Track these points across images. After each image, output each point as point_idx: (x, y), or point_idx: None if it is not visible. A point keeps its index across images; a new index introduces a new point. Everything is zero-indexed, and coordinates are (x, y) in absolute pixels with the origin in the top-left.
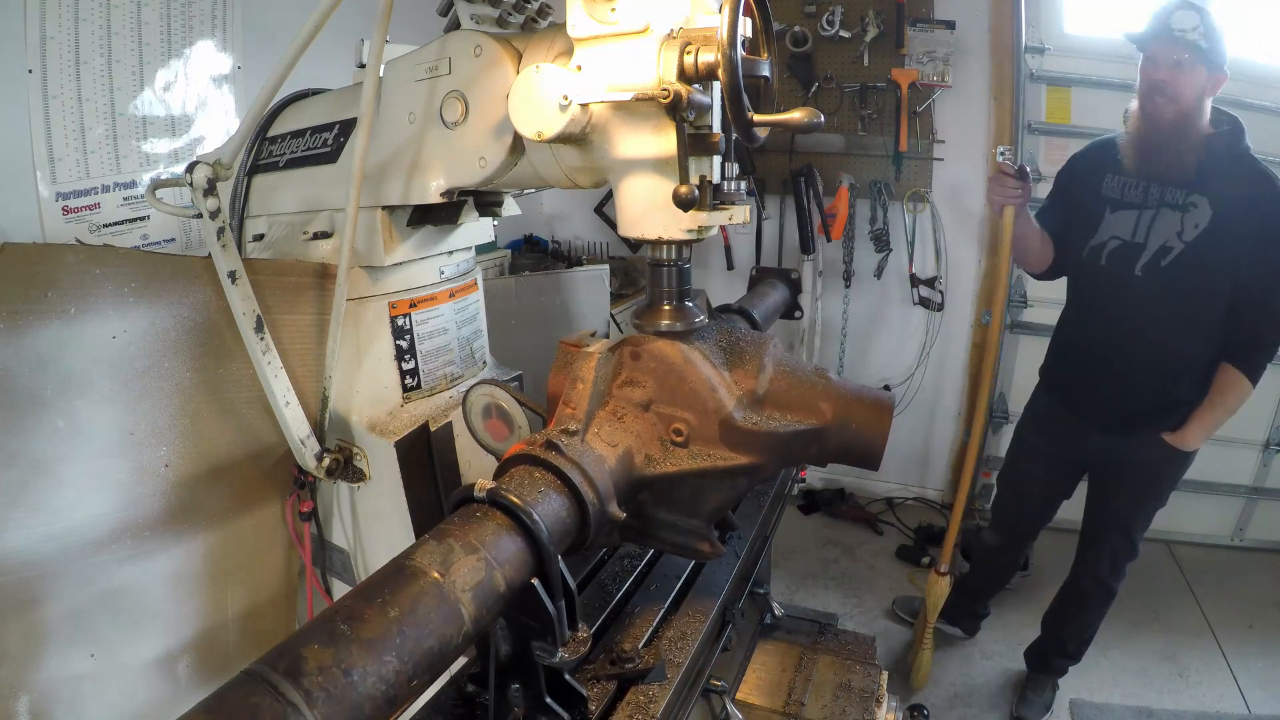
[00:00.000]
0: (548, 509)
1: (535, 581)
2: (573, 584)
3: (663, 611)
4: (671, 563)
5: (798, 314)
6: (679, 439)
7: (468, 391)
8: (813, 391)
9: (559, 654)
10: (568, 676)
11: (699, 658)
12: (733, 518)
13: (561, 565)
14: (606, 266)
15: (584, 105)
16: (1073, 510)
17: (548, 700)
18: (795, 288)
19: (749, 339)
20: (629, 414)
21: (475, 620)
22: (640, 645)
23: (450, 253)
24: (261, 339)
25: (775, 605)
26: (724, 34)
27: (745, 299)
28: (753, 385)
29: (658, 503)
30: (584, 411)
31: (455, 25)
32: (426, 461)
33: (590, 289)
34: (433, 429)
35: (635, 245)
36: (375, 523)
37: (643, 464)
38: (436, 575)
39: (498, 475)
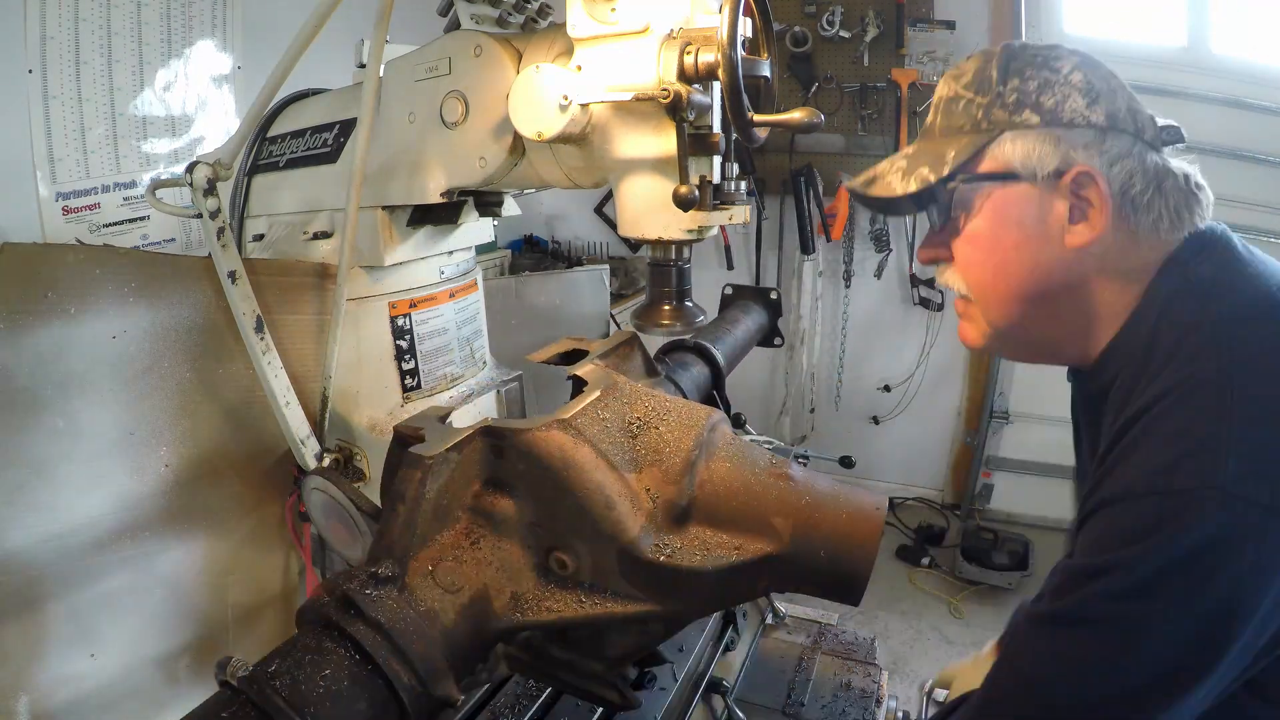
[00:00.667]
0: (337, 707)
1: None
2: None
3: None
4: None
5: (778, 341)
6: (562, 572)
7: (303, 481)
8: (763, 500)
9: None
10: None
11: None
12: (660, 651)
13: None
14: (606, 266)
15: (584, 105)
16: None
17: None
18: (775, 310)
19: (674, 418)
20: (488, 538)
21: None
22: None
23: (450, 253)
24: (261, 339)
25: (777, 605)
26: (724, 34)
27: (708, 329)
28: (671, 493)
29: (549, 638)
30: (405, 545)
31: (455, 25)
32: None
33: (590, 289)
34: None
35: (635, 245)
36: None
37: (505, 608)
38: None
39: (298, 624)
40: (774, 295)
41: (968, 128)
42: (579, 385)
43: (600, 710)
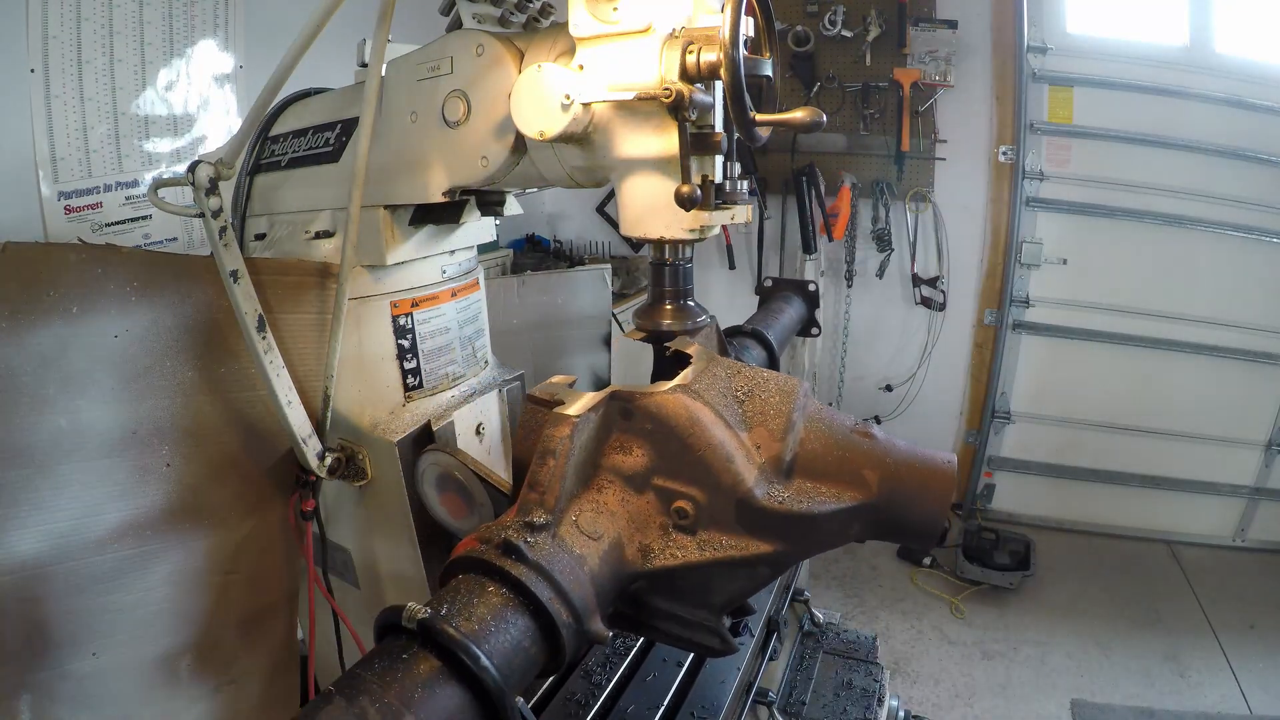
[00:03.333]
0: (503, 641)
1: None
2: None
3: (661, 713)
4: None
5: (815, 331)
6: (684, 521)
7: (419, 458)
8: (855, 456)
9: None
10: None
11: (748, 667)
12: (749, 602)
13: (524, 711)
14: (608, 266)
15: (586, 105)
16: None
17: None
18: (813, 301)
19: (773, 386)
20: (618, 492)
21: None
22: None
23: (452, 252)
24: (263, 338)
25: (816, 612)
26: (726, 33)
27: (758, 318)
28: (778, 449)
29: (656, 590)
30: (555, 496)
31: (457, 24)
32: None
33: (592, 288)
34: (435, 428)
35: (637, 245)
36: (377, 522)
37: (636, 557)
38: None
39: (443, 581)
40: (812, 287)
41: None
42: (682, 361)
43: (685, 666)
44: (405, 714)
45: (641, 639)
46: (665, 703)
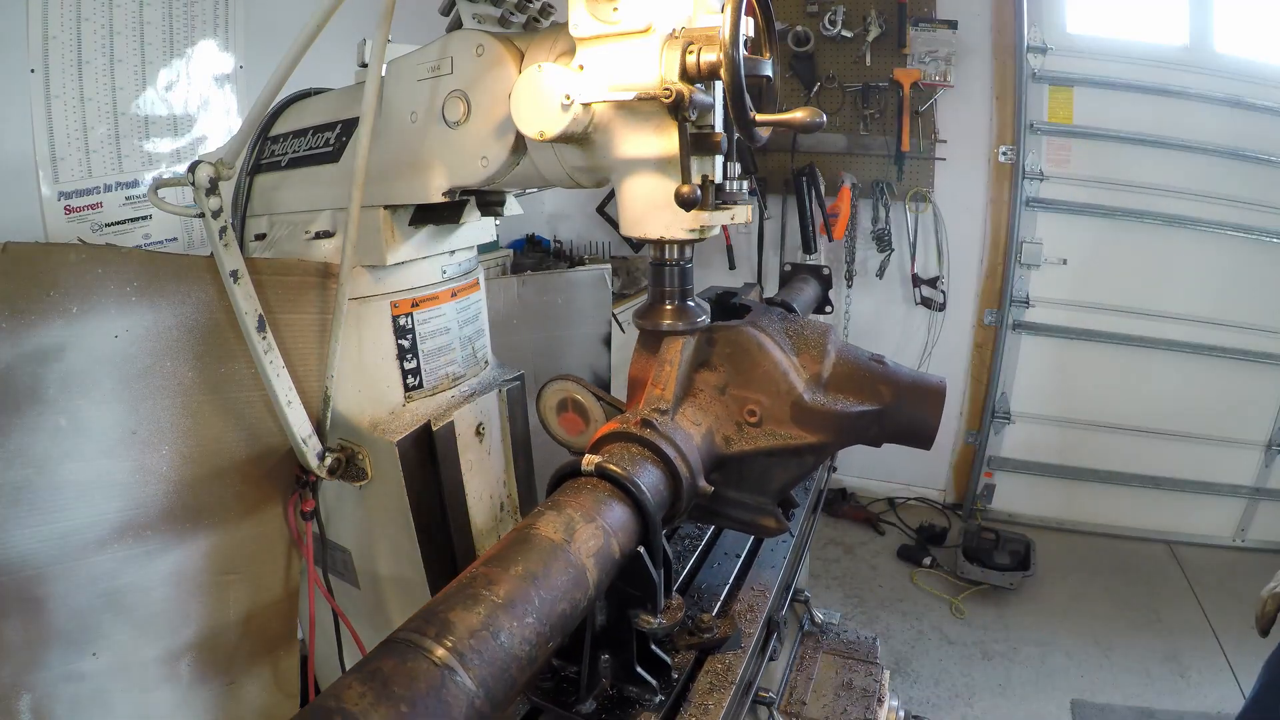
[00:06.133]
0: (648, 481)
1: (641, 549)
2: (670, 554)
3: (728, 585)
4: (729, 541)
5: (829, 309)
6: (753, 419)
7: (542, 387)
8: (872, 376)
9: (658, 620)
10: (654, 646)
11: (748, 667)
12: (793, 496)
13: (660, 537)
14: (608, 266)
15: (586, 105)
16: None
17: (638, 669)
18: (826, 283)
19: (811, 327)
20: (707, 397)
21: (597, 585)
22: (714, 616)
23: (452, 252)
24: (263, 338)
25: (816, 612)
26: (726, 33)
27: (784, 292)
28: (818, 369)
29: (728, 482)
30: (672, 392)
31: (457, 25)
32: (428, 461)
33: (592, 289)
34: (435, 428)
35: (637, 245)
36: (377, 522)
37: (721, 444)
38: (563, 542)
39: (593, 451)
40: (825, 271)
41: None
42: (743, 310)
43: (741, 556)
44: (598, 518)
45: (704, 542)
46: (730, 579)
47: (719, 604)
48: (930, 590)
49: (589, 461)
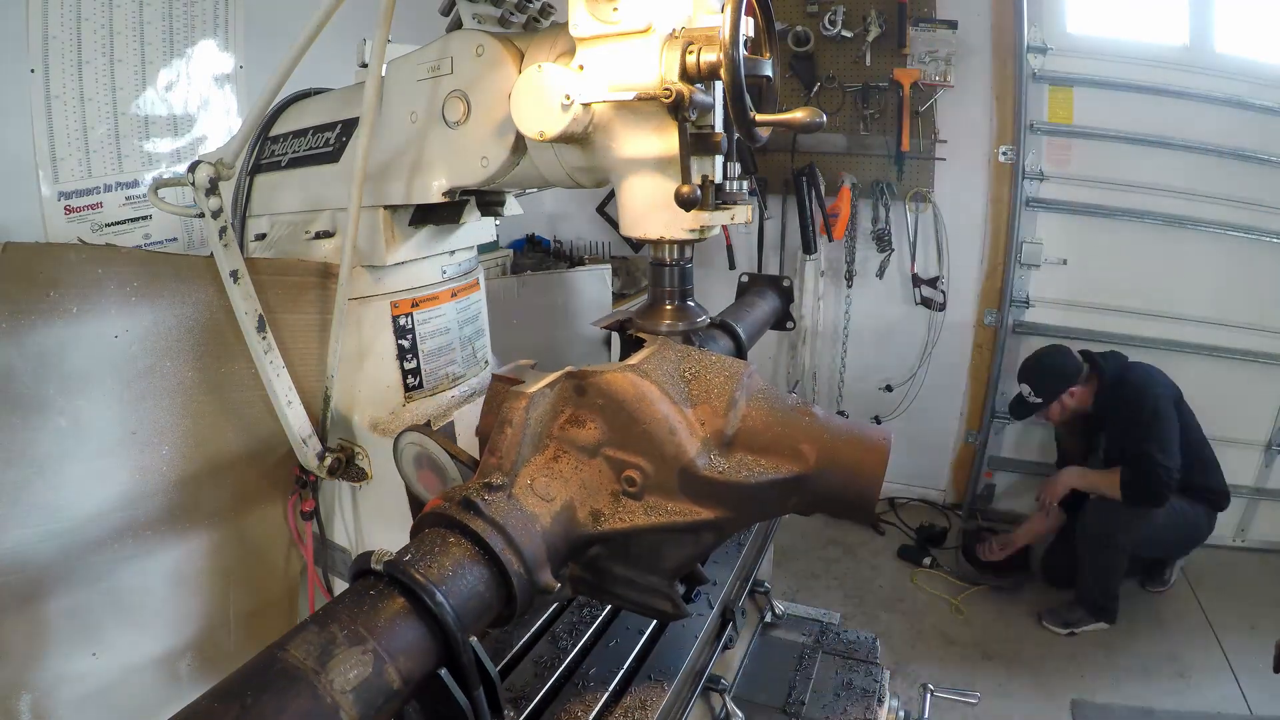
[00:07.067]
0: (461, 585)
1: (443, 672)
2: (492, 670)
3: (621, 674)
4: (636, 616)
5: (789, 325)
6: (632, 489)
7: (397, 438)
8: (793, 431)
9: None
10: None
11: (697, 658)
12: (702, 571)
13: (478, 649)
14: (608, 266)
15: (586, 105)
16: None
17: None
18: (787, 296)
19: (717, 367)
20: (572, 460)
21: None
22: (592, 719)
23: (452, 252)
24: (263, 338)
25: (776, 604)
26: (726, 34)
27: (729, 310)
28: (720, 424)
29: (612, 556)
30: (511, 461)
31: (457, 25)
32: None
33: (592, 288)
34: (435, 428)
35: (637, 245)
36: (377, 522)
37: (587, 520)
38: (310, 671)
39: (413, 536)
40: (786, 283)
41: None
42: (638, 344)
43: (646, 634)
44: (370, 639)
45: (607, 610)
46: (625, 666)
47: (602, 700)
48: (930, 590)
49: (380, 559)
